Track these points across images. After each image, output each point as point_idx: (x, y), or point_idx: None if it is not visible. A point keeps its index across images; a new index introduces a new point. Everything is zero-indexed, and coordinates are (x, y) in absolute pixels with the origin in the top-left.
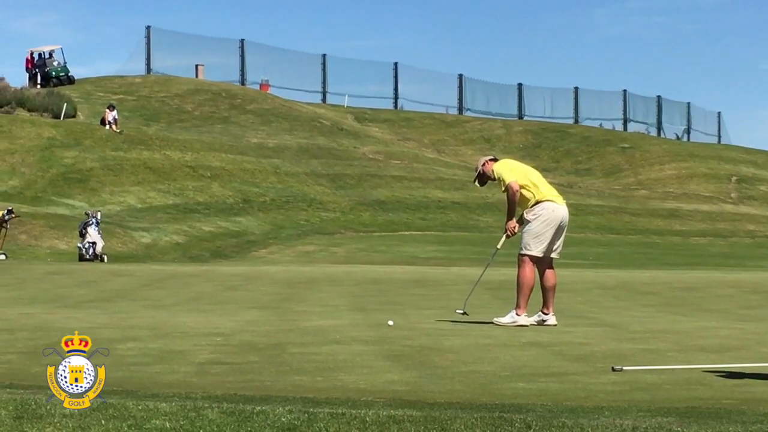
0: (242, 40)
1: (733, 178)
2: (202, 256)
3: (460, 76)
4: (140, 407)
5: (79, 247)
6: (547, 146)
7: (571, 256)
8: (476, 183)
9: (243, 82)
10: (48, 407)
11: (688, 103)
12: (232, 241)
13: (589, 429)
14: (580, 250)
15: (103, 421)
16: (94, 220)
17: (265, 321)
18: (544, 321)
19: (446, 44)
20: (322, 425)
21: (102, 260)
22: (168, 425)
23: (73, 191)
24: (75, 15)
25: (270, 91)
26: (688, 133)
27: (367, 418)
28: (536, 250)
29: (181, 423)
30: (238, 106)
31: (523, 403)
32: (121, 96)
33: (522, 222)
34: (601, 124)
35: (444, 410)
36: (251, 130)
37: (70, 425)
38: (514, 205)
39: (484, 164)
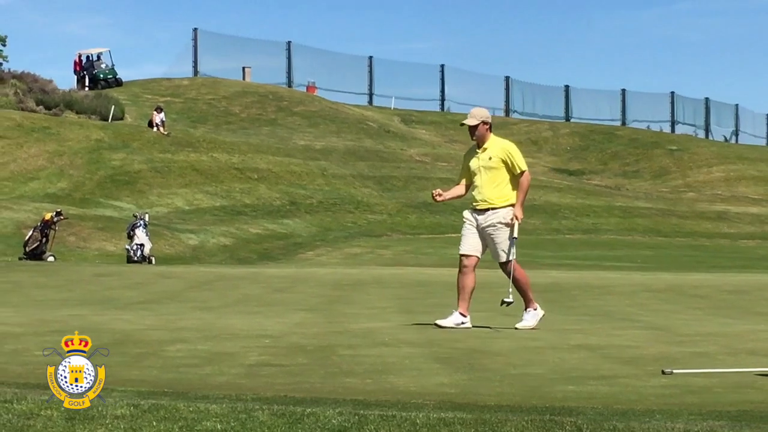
0: (289, 43)
1: None
2: (249, 258)
3: (507, 78)
4: (191, 409)
5: (127, 249)
6: (595, 148)
7: (619, 258)
8: (470, 122)
9: (290, 84)
10: (100, 408)
11: (737, 105)
12: (279, 243)
13: None
14: (628, 253)
15: (154, 423)
16: (141, 222)
17: (313, 323)
18: (464, 323)
19: (493, 46)
20: (372, 427)
21: (150, 262)
22: (219, 427)
23: (120, 193)
24: (123, 18)
25: (317, 93)
26: (737, 135)
27: (418, 421)
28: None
29: (232, 425)
30: (285, 108)
31: (573, 406)
32: (169, 98)
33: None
34: (648, 126)
35: (494, 413)
36: (298, 132)
37: (122, 426)
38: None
39: (485, 124)
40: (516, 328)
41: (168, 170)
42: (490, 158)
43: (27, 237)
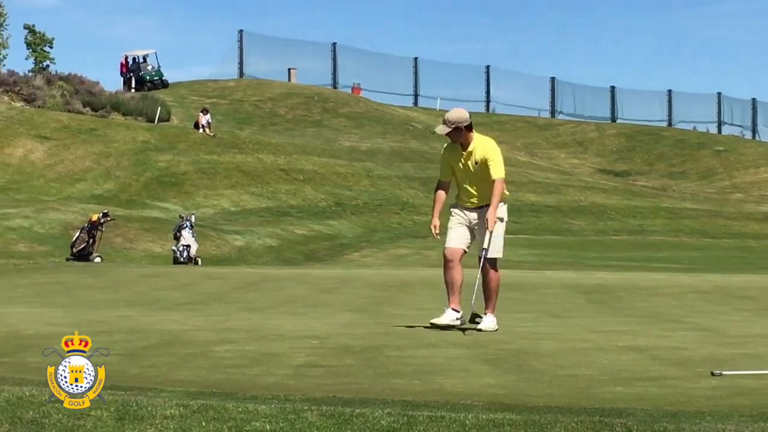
0: (334, 44)
1: None
2: (295, 259)
3: (553, 79)
4: (240, 409)
5: (174, 250)
6: (641, 149)
7: (666, 260)
8: (441, 130)
9: (335, 85)
10: (149, 408)
11: None
12: (325, 244)
13: None
14: (675, 254)
15: (203, 423)
16: (188, 224)
17: (360, 324)
18: (458, 318)
19: (538, 47)
20: (421, 428)
21: (196, 263)
22: (268, 427)
23: (167, 194)
24: (169, 20)
25: (362, 94)
26: None
27: (467, 422)
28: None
29: (281, 425)
30: (331, 109)
31: (623, 408)
32: (215, 100)
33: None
34: (695, 127)
35: (543, 414)
36: (344, 134)
37: (171, 426)
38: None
39: (467, 128)
40: (480, 330)
41: (214, 171)
42: (476, 162)
43: (74, 238)
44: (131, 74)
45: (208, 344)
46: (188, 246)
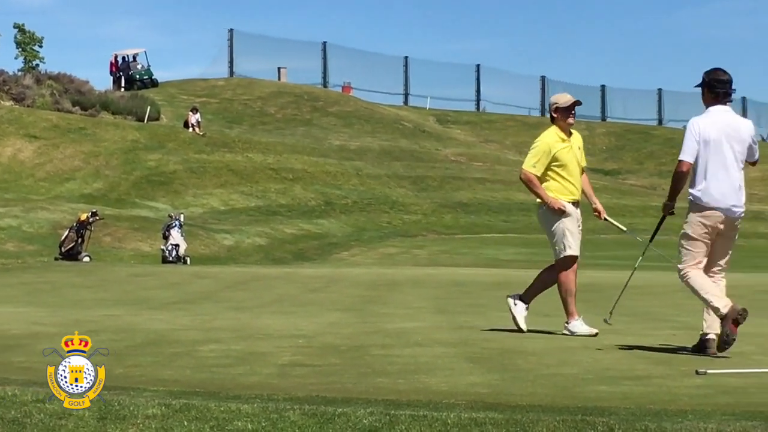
0: (324, 43)
1: None
2: (284, 258)
3: (543, 78)
4: (222, 408)
5: (162, 249)
6: (631, 148)
7: (654, 258)
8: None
9: (325, 84)
10: (131, 408)
11: None
12: (314, 243)
13: None
14: (663, 253)
15: (185, 422)
16: (177, 223)
17: (347, 323)
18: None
19: (528, 46)
20: (403, 427)
21: (185, 262)
22: (250, 427)
23: (156, 194)
24: (159, 19)
25: (352, 93)
26: None
27: (449, 421)
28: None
29: (263, 425)
30: (321, 108)
31: (605, 407)
32: (204, 99)
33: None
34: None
35: (526, 413)
36: (333, 133)
37: (153, 426)
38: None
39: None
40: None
41: (203, 171)
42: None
43: (63, 237)
44: (121, 73)
45: (194, 343)
46: (177, 245)
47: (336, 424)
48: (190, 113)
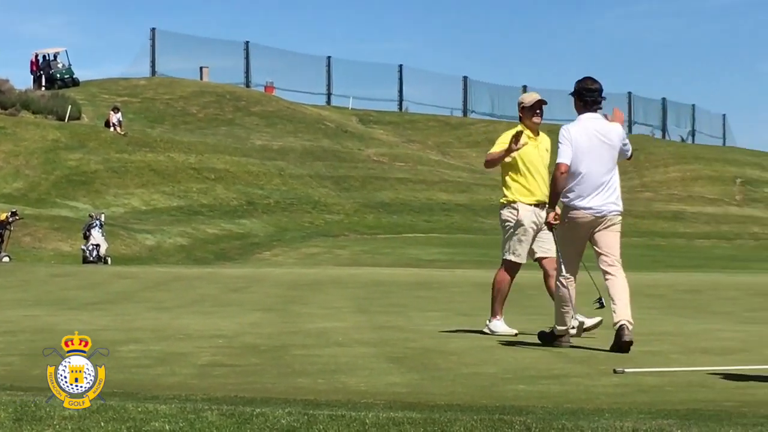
0: (247, 42)
1: (738, 181)
2: (206, 258)
3: (465, 78)
4: (140, 409)
5: (83, 250)
6: (553, 148)
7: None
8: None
9: (248, 84)
10: (48, 409)
11: (693, 106)
12: (236, 243)
13: (589, 431)
14: (586, 253)
15: (102, 423)
16: (97, 223)
17: (268, 323)
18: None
19: (451, 46)
20: (321, 427)
21: (105, 262)
22: (167, 427)
23: (77, 193)
24: (80, 18)
25: (274, 93)
26: (693, 136)
27: (367, 420)
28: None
29: (181, 425)
30: (243, 108)
31: (523, 405)
32: (126, 98)
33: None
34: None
35: (444, 412)
36: (255, 132)
37: (70, 427)
38: None
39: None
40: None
41: (125, 170)
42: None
43: None
44: (41, 72)
45: (114, 344)
46: (98, 245)
47: (254, 425)
48: (112, 113)
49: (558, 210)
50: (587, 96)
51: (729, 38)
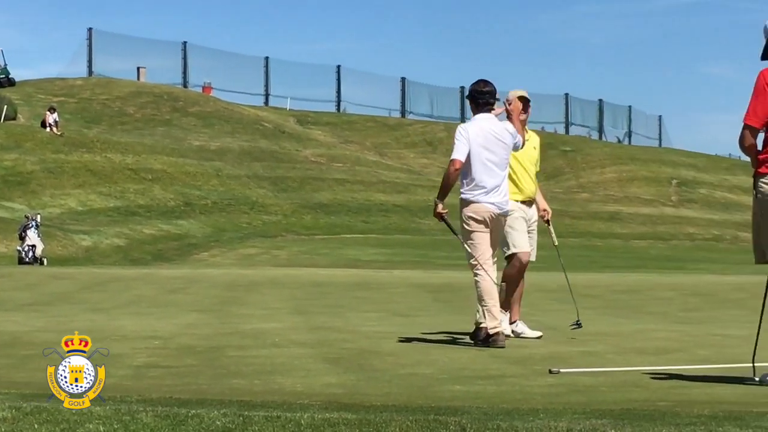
0: (185, 43)
1: (674, 182)
2: (143, 259)
3: (403, 80)
4: (74, 411)
5: (19, 250)
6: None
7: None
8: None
9: (185, 84)
10: None
11: (630, 107)
12: (174, 244)
13: (524, 431)
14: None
15: (36, 425)
16: (33, 223)
17: (204, 324)
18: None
19: (389, 47)
20: (256, 428)
21: (41, 263)
22: (102, 429)
23: (12, 194)
24: (16, 17)
25: (212, 93)
26: (629, 137)
27: (302, 421)
28: None
29: (115, 427)
30: (180, 108)
31: (459, 406)
32: (62, 98)
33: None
34: (542, 128)
35: (379, 413)
36: (193, 133)
37: (3, 429)
38: None
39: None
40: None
41: (61, 171)
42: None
43: None
44: None
45: (49, 345)
46: (33, 246)
47: (189, 426)
48: (48, 113)
49: (443, 204)
50: (479, 98)
51: (666, 40)
